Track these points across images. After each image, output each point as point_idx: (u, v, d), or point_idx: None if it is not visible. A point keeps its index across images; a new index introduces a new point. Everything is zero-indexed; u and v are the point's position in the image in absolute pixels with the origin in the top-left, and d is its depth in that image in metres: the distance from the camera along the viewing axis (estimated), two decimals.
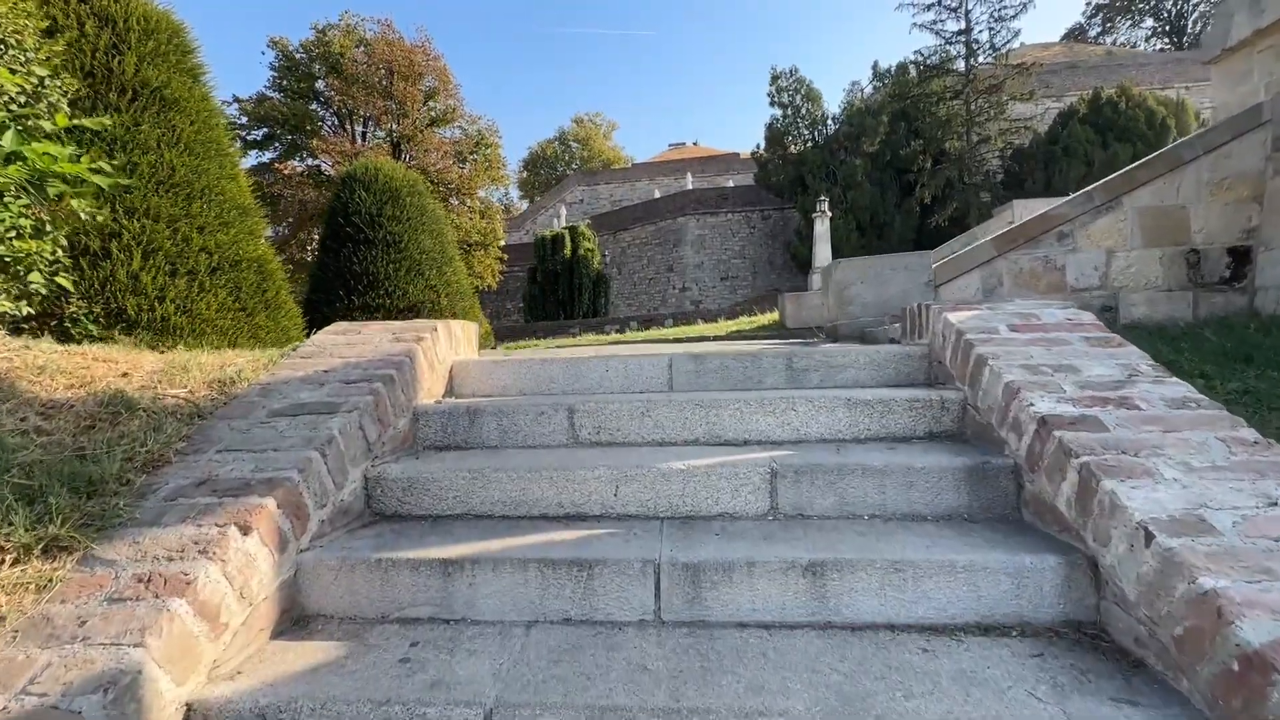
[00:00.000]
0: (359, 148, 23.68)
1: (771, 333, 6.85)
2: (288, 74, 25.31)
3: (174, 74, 9.05)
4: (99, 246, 7.90)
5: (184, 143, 8.88)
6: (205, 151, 9.11)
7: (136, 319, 7.83)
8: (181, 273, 8.34)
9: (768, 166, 26.40)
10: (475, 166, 26.35)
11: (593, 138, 52.28)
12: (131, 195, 8.14)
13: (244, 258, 9.09)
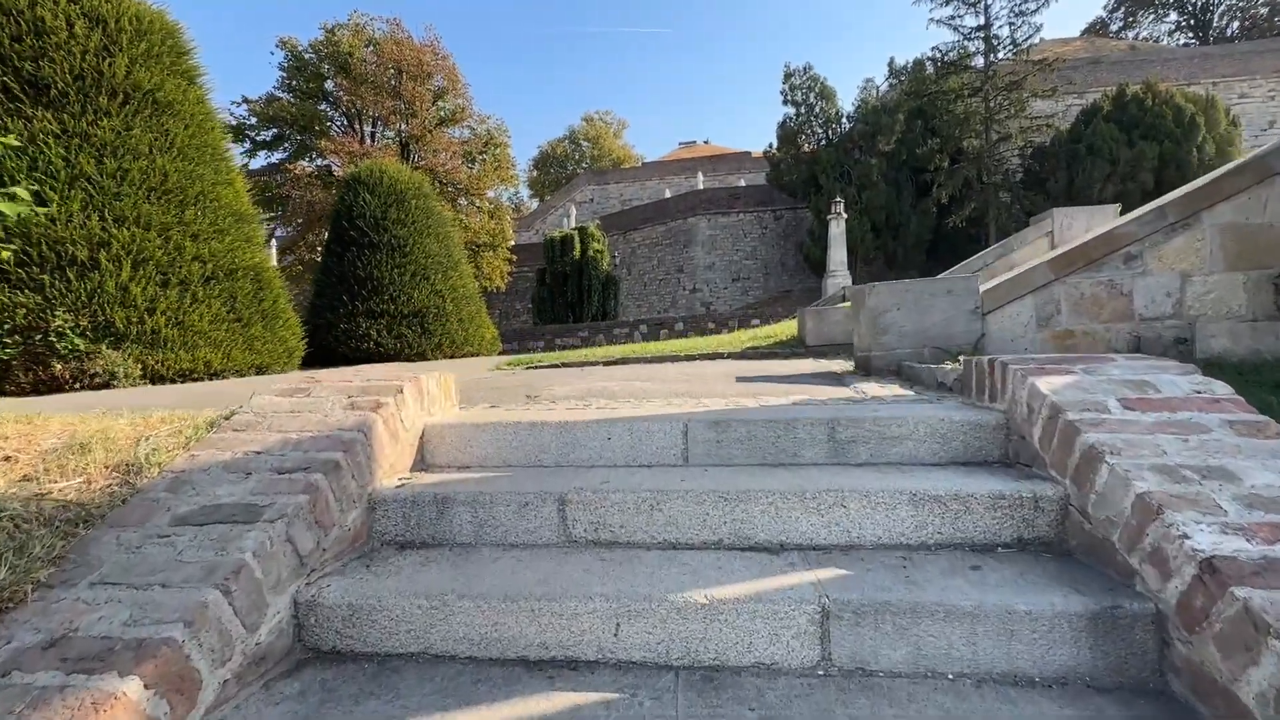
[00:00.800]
0: (367, 148, 23.34)
1: (790, 350, 6.34)
2: (297, 74, 25.02)
3: (168, 76, 8.65)
4: (87, 256, 7.51)
5: (177, 147, 8.48)
6: (200, 156, 8.71)
7: (125, 332, 7.44)
8: (173, 283, 7.95)
9: (780, 166, 25.78)
10: (484, 166, 25.94)
11: (603, 136, 51.75)
12: (122, 202, 7.75)
13: (240, 266, 8.69)
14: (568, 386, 3.60)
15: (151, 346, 7.32)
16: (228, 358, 7.99)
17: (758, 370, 4.39)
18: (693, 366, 5.38)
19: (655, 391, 3.11)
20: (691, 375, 4.08)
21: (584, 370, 6.01)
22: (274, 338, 8.79)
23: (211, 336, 7.84)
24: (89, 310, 7.01)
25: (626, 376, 4.03)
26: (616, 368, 6.16)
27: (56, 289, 6.89)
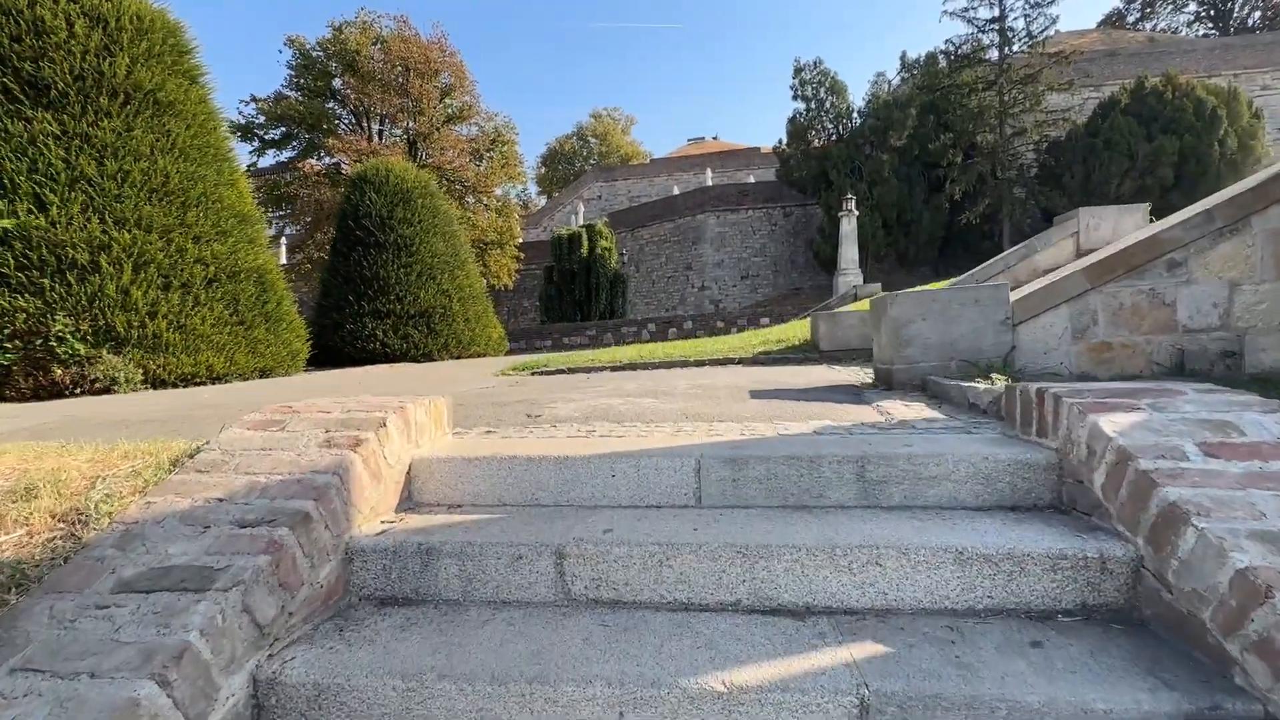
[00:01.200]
0: (375, 146, 23.21)
1: (803, 355, 6.10)
2: (305, 72, 24.90)
3: (169, 75, 8.49)
4: (87, 260, 7.37)
5: (179, 148, 8.33)
6: (202, 157, 8.55)
7: (126, 336, 7.31)
8: (175, 286, 7.81)
9: (790, 162, 25.42)
10: (492, 164, 25.77)
11: (611, 133, 51.44)
12: (123, 205, 7.60)
13: (243, 268, 8.55)
14: (571, 404, 3.38)
15: (153, 350, 7.19)
16: (231, 361, 7.86)
17: (771, 381, 4.16)
18: (703, 374, 5.16)
19: (664, 413, 2.89)
20: (702, 388, 3.85)
21: (590, 377, 5.81)
22: (278, 340, 8.65)
23: (214, 340, 7.70)
24: (90, 314, 6.89)
25: (634, 391, 3.81)
26: (625, 375, 5.95)
27: (57, 293, 6.77)
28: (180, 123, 8.11)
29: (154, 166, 7.68)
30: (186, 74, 8.45)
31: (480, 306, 14.69)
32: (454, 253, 14.40)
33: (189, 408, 4.34)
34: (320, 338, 13.25)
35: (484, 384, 5.50)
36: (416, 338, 13.04)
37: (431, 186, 14.53)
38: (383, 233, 13.33)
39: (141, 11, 8.08)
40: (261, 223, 9.33)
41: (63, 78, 7.28)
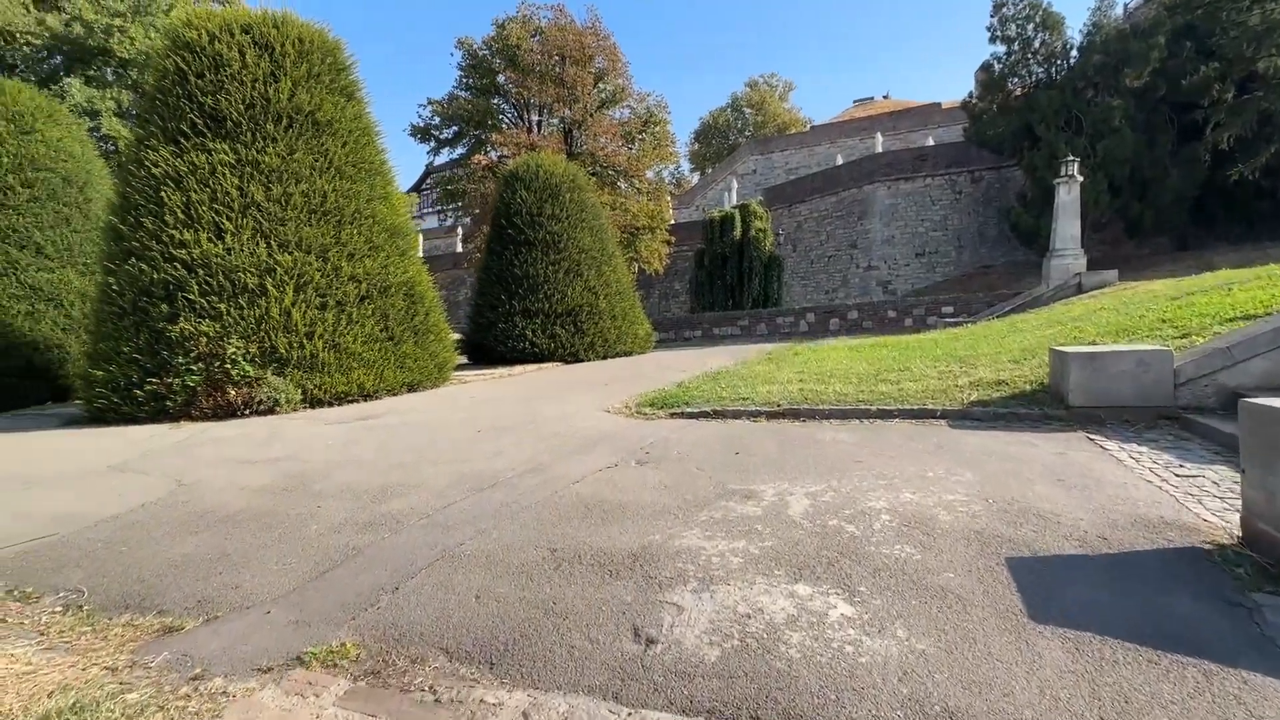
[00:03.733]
0: (534, 138, 23.54)
1: (1040, 411, 4.33)
2: (472, 72, 25.92)
3: (327, 95, 8.49)
4: (256, 283, 7.61)
5: (335, 166, 8.32)
6: (356, 173, 8.50)
7: (287, 357, 7.41)
8: (331, 304, 7.84)
9: (981, 118, 21.43)
10: (644, 146, 25.01)
11: (767, 101, 48.29)
12: (285, 227, 7.71)
13: (393, 283, 8.45)
14: (697, 594, 2.25)
15: (310, 370, 7.31)
16: (380, 378, 7.84)
17: (1029, 507, 2.63)
18: (897, 457, 3.72)
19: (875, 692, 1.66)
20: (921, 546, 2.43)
21: (736, 435, 4.62)
22: (424, 353, 8.55)
23: (364, 357, 7.71)
24: (257, 336, 7.12)
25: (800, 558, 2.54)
26: (781, 433, 4.67)
27: (231, 316, 7.05)
28: (336, 141, 8.15)
29: (313, 187, 7.77)
30: (343, 91, 8.48)
31: (626, 303, 14.02)
32: (601, 247, 13.82)
33: (336, 448, 3.93)
34: (475, 335, 13.49)
35: (593, 425, 4.56)
36: (563, 337, 12.70)
37: (580, 179, 14.02)
38: (532, 230, 13.09)
39: (303, 34, 8.18)
40: (412, 233, 9.30)
41: (235, 107, 7.53)
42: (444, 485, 3.42)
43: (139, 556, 2.67)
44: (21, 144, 10.44)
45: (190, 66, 7.53)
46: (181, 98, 7.50)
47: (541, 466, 3.72)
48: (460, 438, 4.75)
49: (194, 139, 7.41)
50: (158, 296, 7.00)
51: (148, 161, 7.31)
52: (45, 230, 10.47)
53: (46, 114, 10.96)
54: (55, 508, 3.50)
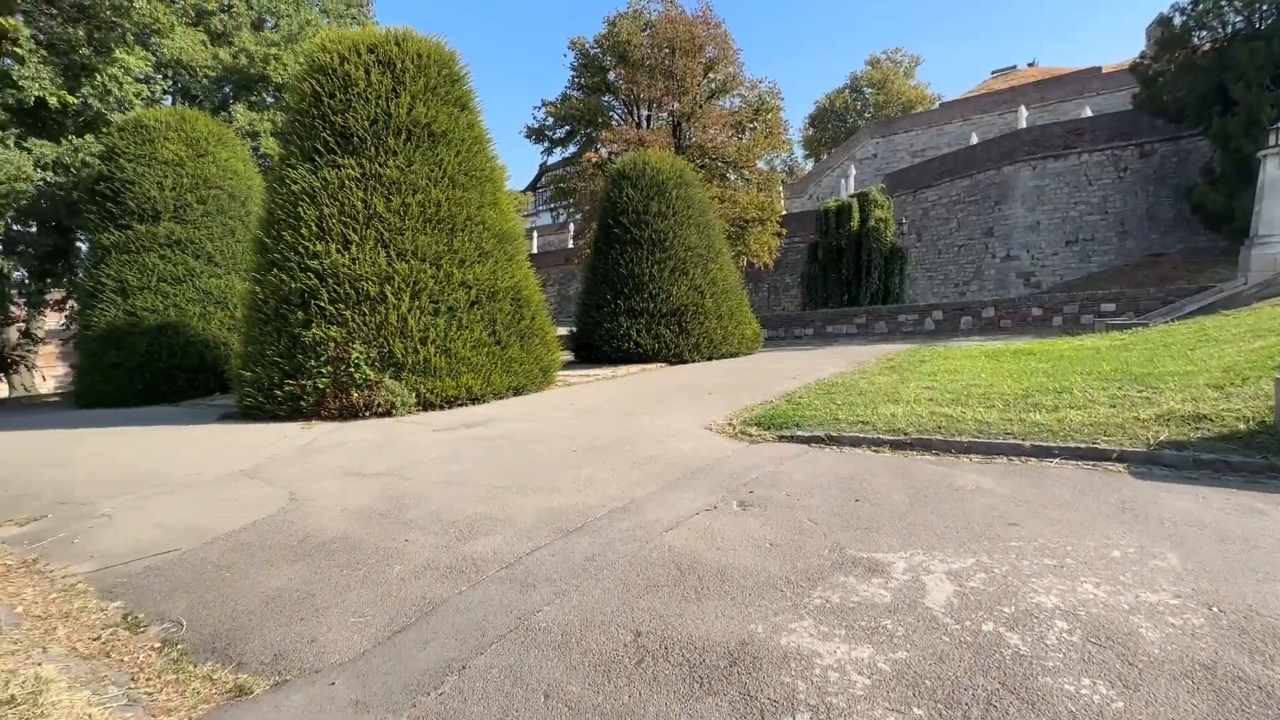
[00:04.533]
0: (642, 133, 23.41)
1: (1264, 459, 3.39)
2: (584, 71, 26.26)
3: (442, 106, 8.68)
4: (376, 291, 7.99)
5: (449, 176, 8.52)
6: (468, 181, 8.67)
7: (403, 361, 7.69)
8: (443, 310, 8.04)
9: (1157, 81, 18.31)
10: (755, 136, 24.06)
11: (890, 79, 44.83)
12: (403, 237, 8.03)
13: (500, 288, 8.56)
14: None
15: (423, 375, 7.57)
16: (487, 382, 7.97)
17: (1270, 626, 1.93)
18: (1062, 521, 3.02)
19: None
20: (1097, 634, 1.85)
21: (854, 472, 4.05)
22: (529, 357, 8.61)
23: (473, 362, 7.87)
24: (377, 342, 7.47)
25: (941, 611, 2.03)
26: (906, 464, 4.04)
27: (355, 322, 7.44)
28: (450, 150, 8.36)
29: (428, 197, 8.01)
30: (457, 102, 8.68)
31: (733, 301, 13.45)
32: (708, 244, 13.35)
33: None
34: (582, 334, 13.57)
35: (693, 449, 4.16)
36: (668, 337, 12.41)
37: (687, 175, 13.61)
38: (638, 228, 12.89)
39: (421, 49, 8.45)
40: (520, 238, 9.38)
41: (361, 124, 7.93)
42: (530, 522, 3.21)
43: (238, 588, 2.69)
44: (198, 165, 11.82)
45: (323, 88, 8.02)
46: (316, 118, 8.00)
47: (633, 504, 3.42)
48: (554, 458, 4.58)
49: (326, 156, 7.89)
50: (295, 304, 7.54)
51: (288, 179, 7.89)
52: (215, 241, 11.80)
53: (217, 138, 12.34)
54: (187, 517, 3.72)
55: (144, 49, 13.23)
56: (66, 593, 2.77)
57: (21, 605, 2.63)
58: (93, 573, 3.00)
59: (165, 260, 11.29)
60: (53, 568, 3.11)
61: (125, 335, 10.82)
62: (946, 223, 24.51)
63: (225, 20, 15.09)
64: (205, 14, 15.02)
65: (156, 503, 4.09)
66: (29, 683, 1.91)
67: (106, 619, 2.51)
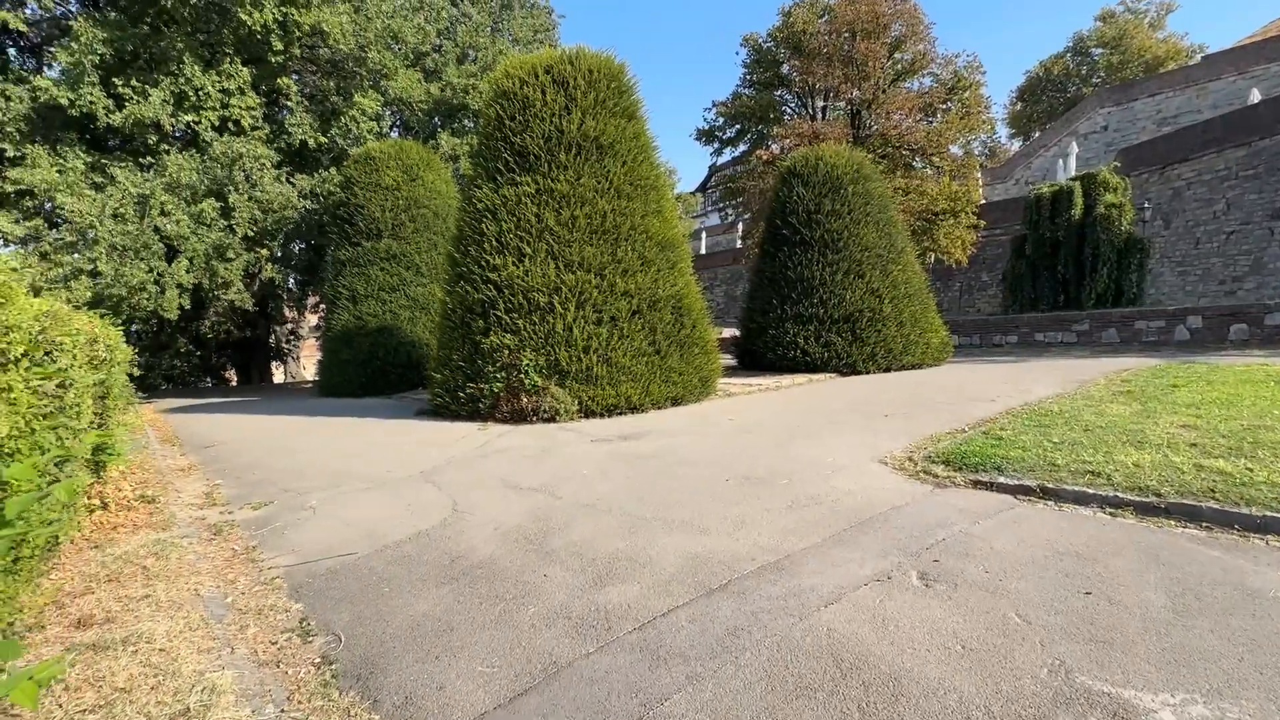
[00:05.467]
0: (817, 126, 22.06)
1: None
2: (756, 67, 25.52)
3: (610, 119, 8.80)
4: (545, 301, 8.34)
5: (615, 187, 8.60)
6: (633, 191, 8.69)
7: (567, 369, 7.95)
8: (605, 320, 8.16)
9: None
10: (948, 118, 21.40)
11: (1129, 34, 37.19)
12: (570, 249, 8.33)
13: (662, 297, 8.46)
14: None
15: (585, 383, 7.72)
16: (646, 392, 7.91)
17: None
18: None
19: None
20: None
21: (1082, 546, 3.17)
22: (689, 368, 8.39)
23: (632, 371, 7.86)
24: (544, 350, 7.79)
25: None
26: (1161, 540, 3.04)
27: (526, 331, 7.83)
28: (616, 161, 8.44)
29: (594, 209, 8.17)
30: (624, 113, 8.75)
31: (917, 306, 11.99)
32: (888, 243, 12.06)
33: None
34: (745, 340, 13.09)
35: (862, 490, 3.49)
36: (839, 346, 11.44)
37: (865, 169, 12.42)
38: (808, 229, 12.06)
39: (592, 65, 8.64)
40: (682, 245, 9.20)
41: (536, 142, 8.32)
42: (671, 570, 2.94)
43: (392, 606, 2.79)
44: (410, 189, 13.49)
45: (505, 111, 8.55)
46: (499, 140, 8.57)
47: (788, 561, 2.98)
48: (704, 488, 4.27)
49: (506, 174, 8.41)
50: (476, 313, 8.15)
51: (474, 198, 8.56)
52: (422, 254, 13.37)
53: (425, 163, 13.98)
54: (370, 518, 4.06)
55: (375, 91, 15.44)
56: (266, 586, 3.10)
57: (231, 595, 2.98)
58: (290, 568, 3.35)
59: (384, 272, 13.05)
60: (264, 556, 3.54)
61: (354, 336, 12.72)
62: (1209, 205, 19.58)
63: (436, 59, 17.08)
64: (421, 55, 17.13)
65: (351, 500, 4.56)
66: (204, 694, 2.08)
67: (288, 621, 2.73)
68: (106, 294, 11.33)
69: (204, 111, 12.97)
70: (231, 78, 13.51)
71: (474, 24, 17.39)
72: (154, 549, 3.50)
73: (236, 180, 13.23)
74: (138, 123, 12.22)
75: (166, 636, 2.48)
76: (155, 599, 2.82)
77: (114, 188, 11.87)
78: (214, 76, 13.08)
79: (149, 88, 12.26)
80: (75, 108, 11.76)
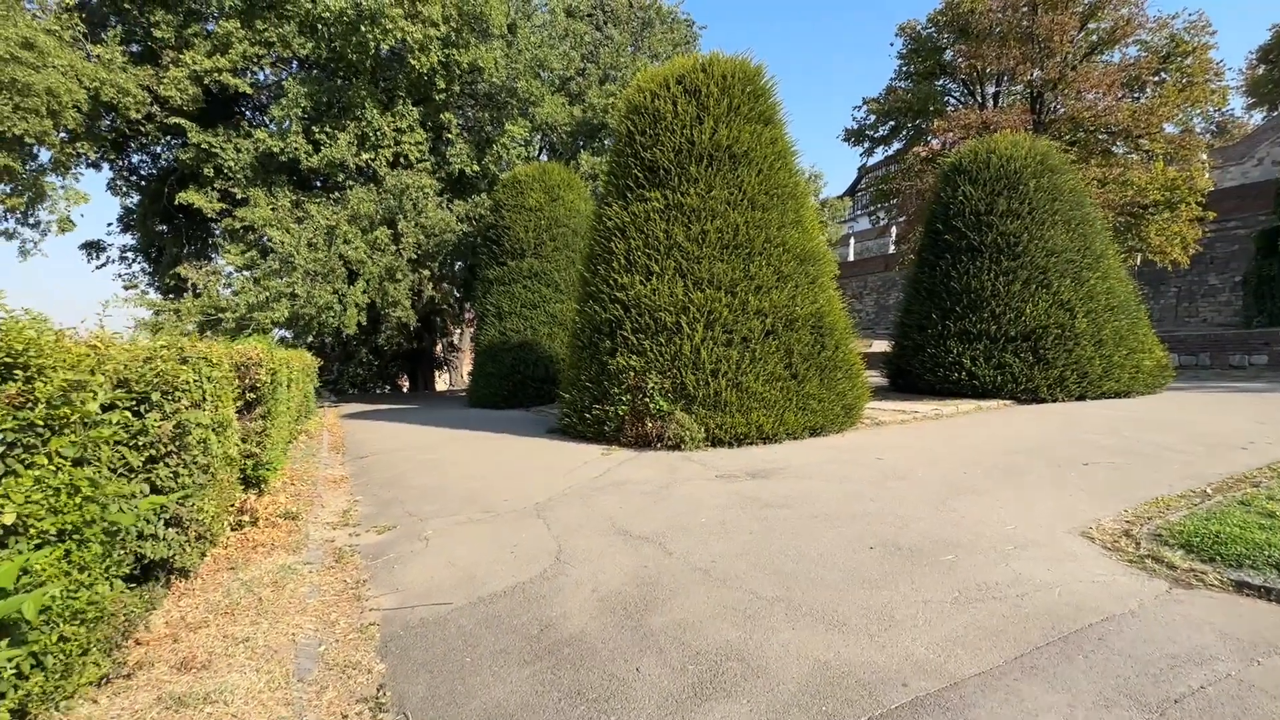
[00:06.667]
0: (985, 115, 19.40)
1: None
2: (914, 57, 23.21)
3: (745, 126, 8.13)
4: (672, 321, 7.88)
5: (748, 198, 7.90)
6: (769, 201, 7.93)
7: (694, 394, 7.36)
8: (736, 341, 7.48)
9: None
10: (1163, 91, 17.70)
11: None
12: (700, 265, 7.78)
13: (799, 315, 7.59)
14: None
15: (713, 409, 7.16)
16: (780, 421, 7.15)
17: None
18: None
19: None
20: None
21: None
22: (830, 394, 7.47)
23: (765, 397, 7.14)
24: (671, 373, 7.35)
25: None
26: None
27: (652, 353, 7.46)
28: (751, 170, 7.81)
29: (726, 222, 7.61)
30: (760, 118, 8.09)
31: (1122, 321, 9.82)
32: (1082, 245, 10.05)
33: None
34: (898, 359, 11.67)
35: (1058, 585, 2.50)
36: (1016, 368, 9.70)
37: (1051, 159, 10.49)
38: (977, 233, 10.44)
39: (726, 70, 8.10)
40: (825, 256, 8.30)
41: (666, 156, 7.95)
42: (791, 687, 2.30)
43: (469, 685, 2.48)
44: (551, 209, 13.91)
45: (636, 126, 8.31)
46: (629, 155, 8.34)
47: (954, 692, 2.19)
48: (842, 556, 3.52)
49: (636, 191, 8.15)
50: (604, 333, 7.96)
51: (604, 215, 8.41)
52: (560, 271, 13.70)
53: (566, 183, 14.36)
54: (473, 559, 3.87)
55: (524, 118, 16.24)
56: (360, 635, 2.96)
57: (325, 644, 2.88)
58: (388, 611, 3.21)
59: (526, 289, 13.56)
60: (370, 594, 3.46)
61: (499, 350, 13.34)
62: None
63: (580, 82, 17.62)
64: (566, 80, 17.77)
65: (464, 532, 4.45)
66: None
67: (366, 687, 2.52)
68: (300, 313, 13.01)
69: (381, 150, 14.49)
70: (403, 117, 14.96)
71: (615, 45, 17.70)
72: (276, 576, 3.58)
73: (405, 208, 14.57)
74: (330, 163, 13.95)
75: (246, 697, 2.37)
76: (253, 644, 2.78)
77: (310, 220, 13.64)
78: (389, 118, 14.57)
79: (338, 133, 13.94)
80: (284, 154, 13.72)
